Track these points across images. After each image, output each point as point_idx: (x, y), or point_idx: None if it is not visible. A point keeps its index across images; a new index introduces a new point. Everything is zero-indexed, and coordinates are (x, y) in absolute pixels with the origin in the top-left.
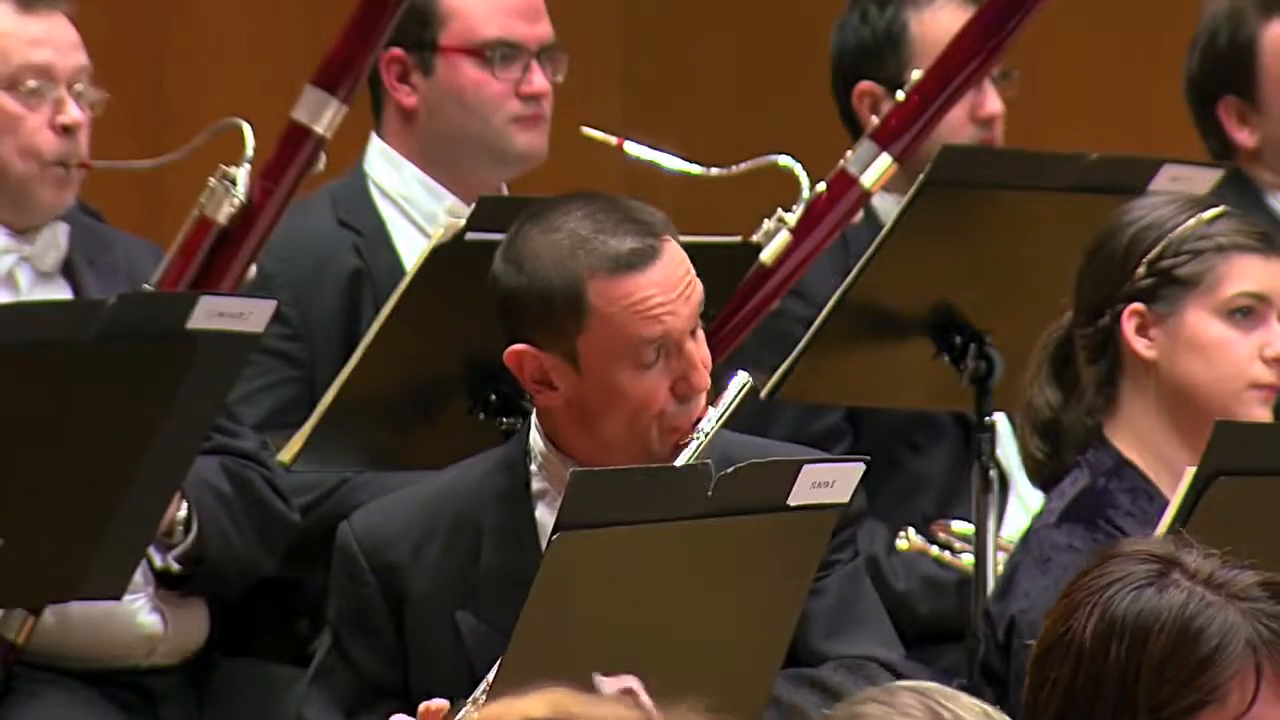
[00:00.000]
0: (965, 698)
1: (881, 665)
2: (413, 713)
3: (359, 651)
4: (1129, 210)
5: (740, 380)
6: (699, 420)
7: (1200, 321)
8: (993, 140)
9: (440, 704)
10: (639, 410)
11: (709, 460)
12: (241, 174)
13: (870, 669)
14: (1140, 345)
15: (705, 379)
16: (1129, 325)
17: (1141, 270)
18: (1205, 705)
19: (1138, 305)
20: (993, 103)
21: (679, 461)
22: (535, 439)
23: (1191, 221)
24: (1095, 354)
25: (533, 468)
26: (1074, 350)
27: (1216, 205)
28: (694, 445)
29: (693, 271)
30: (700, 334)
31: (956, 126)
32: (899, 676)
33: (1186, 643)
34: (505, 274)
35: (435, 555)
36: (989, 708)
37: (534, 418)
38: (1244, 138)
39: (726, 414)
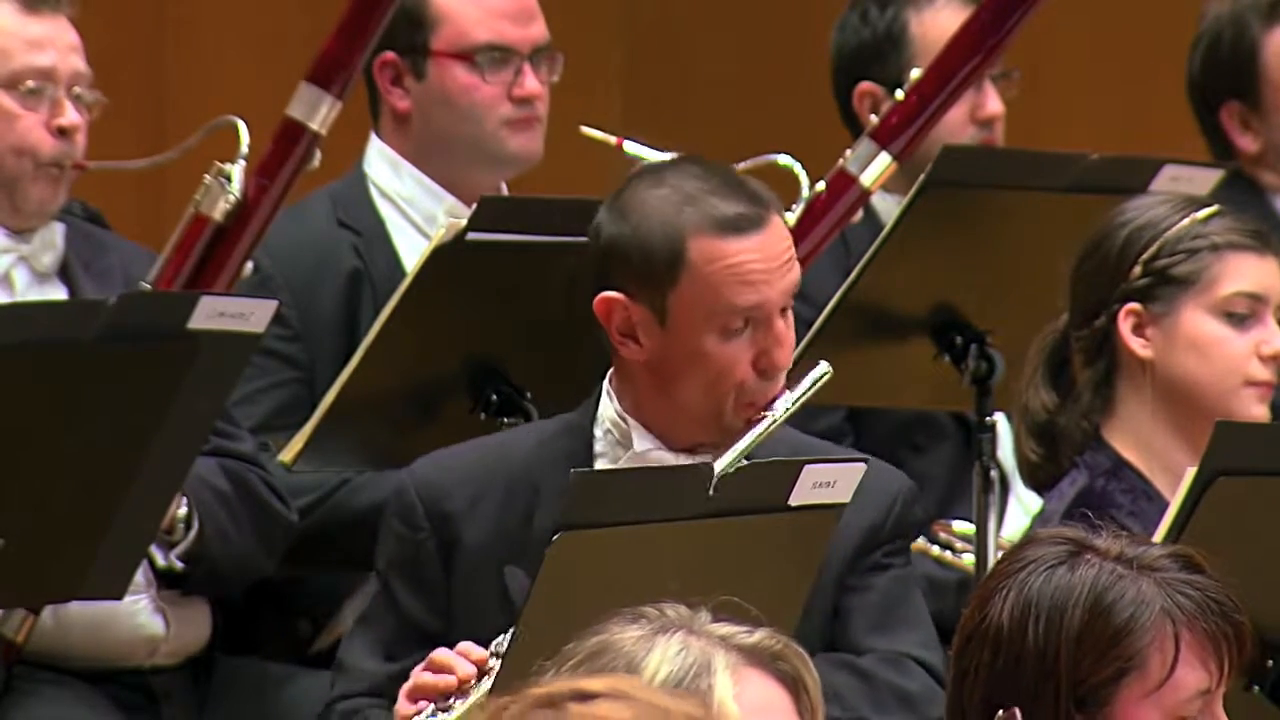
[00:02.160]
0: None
1: (919, 664)
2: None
3: (407, 597)
4: (1123, 211)
5: (820, 369)
6: (774, 400)
7: (1197, 320)
8: (993, 140)
9: (479, 653)
10: (718, 378)
11: (771, 451)
12: (237, 171)
13: (905, 663)
14: (1137, 345)
15: (788, 358)
16: (1125, 325)
17: (1137, 270)
18: (1125, 674)
19: (1134, 305)
20: (993, 103)
21: (748, 438)
22: (605, 405)
23: (1186, 221)
24: (1091, 355)
25: (598, 432)
26: (1069, 353)
27: (1210, 205)
28: (765, 424)
29: (794, 252)
30: (790, 316)
31: (957, 127)
32: (937, 678)
33: (1101, 615)
34: (609, 222)
35: (491, 510)
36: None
37: (607, 383)
38: (1246, 142)
39: (803, 399)
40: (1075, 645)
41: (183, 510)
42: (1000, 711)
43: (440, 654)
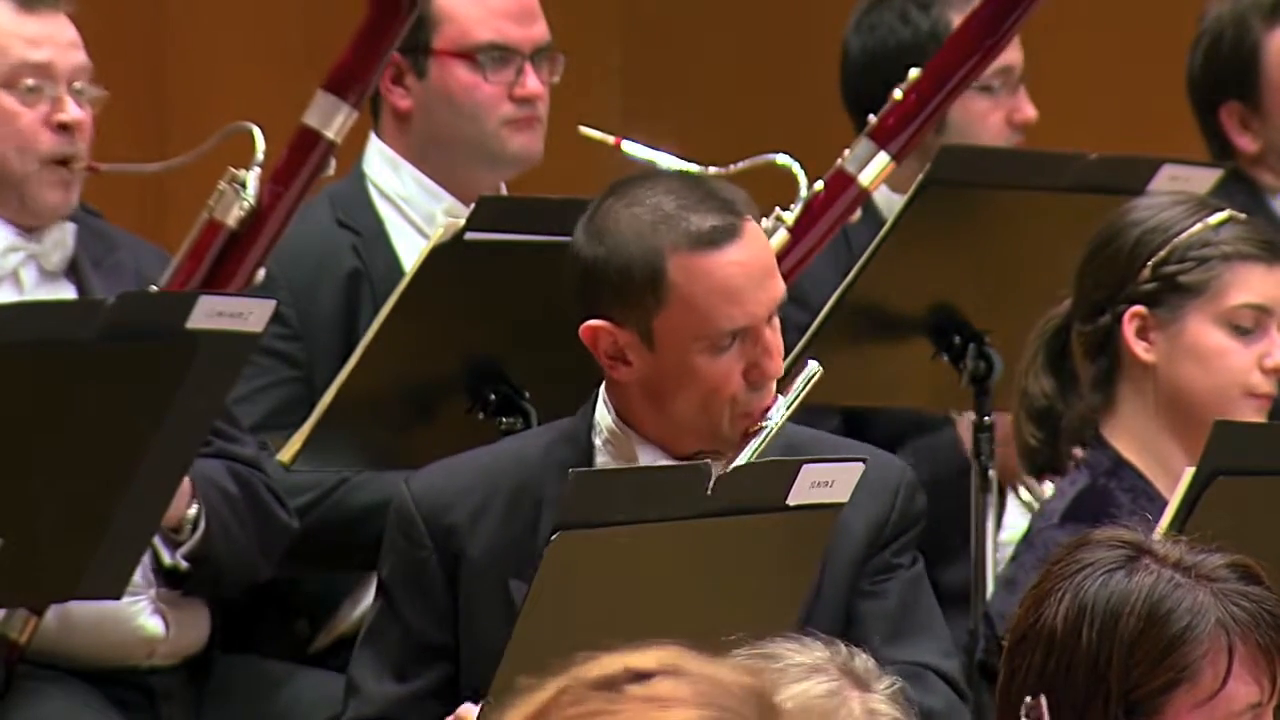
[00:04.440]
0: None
1: (937, 674)
2: (458, 678)
3: (411, 612)
4: (1136, 209)
5: (810, 369)
6: (768, 408)
7: (1202, 329)
8: (1022, 144)
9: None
10: (711, 393)
11: (771, 452)
12: (251, 178)
13: (927, 677)
14: (1140, 348)
15: (779, 366)
16: (1129, 328)
17: (1146, 273)
18: (1177, 685)
19: (1139, 308)
20: (1029, 107)
21: (748, 450)
22: (602, 413)
23: (1198, 226)
24: (1093, 352)
25: (597, 442)
26: (1070, 340)
27: (1224, 208)
28: (763, 434)
29: (774, 259)
30: (776, 322)
31: (996, 132)
32: (954, 687)
33: (1156, 623)
34: (585, 246)
35: (493, 522)
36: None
37: (602, 392)
38: (1245, 142)
39: (796, 402)
40: (1128, 652)
41: (193, 510)
42: (1028, 699)
43: (465, 712)
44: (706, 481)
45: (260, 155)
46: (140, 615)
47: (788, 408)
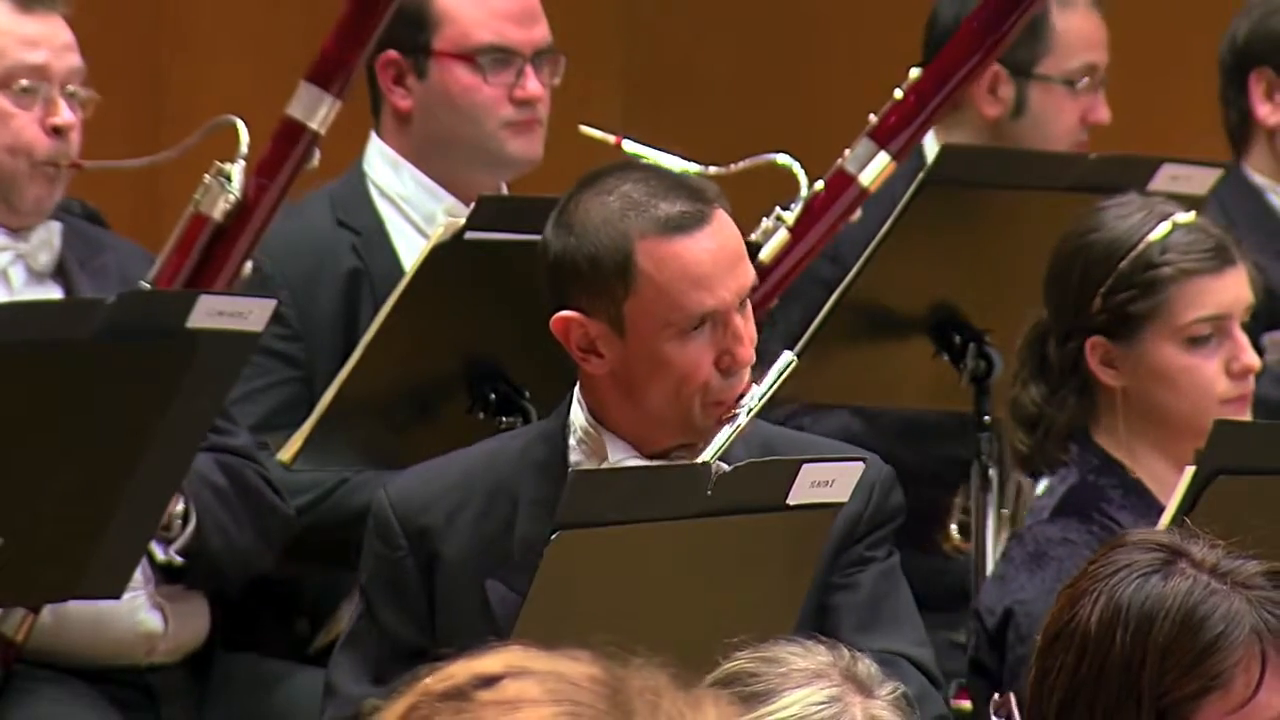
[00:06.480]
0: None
1: (911, 662)
2: None
3: (389, 616)
4: (1087, 231)
5: (784, 359)
6: (742, 396)
7: (1162, 352)
8: (1085, 146)
9: None
10: (682, 381)
11: (747, 448)
12: (236, 171)
13: (900, 665)
14: (1106, 376)
15: (750, 353)
16: (1093, 358)
17: (1098, 304)
18: (1209, 692)
19: (1099, 338)
20: (1104, 110)
21: (720, 437)
22: (576, 412)
23: (1141, 246)
24: (1068, 373)
25: (571, 441)
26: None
27: (1170, 214)
28: (737, 423)
29: (744, 248)
30: (749, 311)
31: (1069, 127)
32: (928, 675)
33: (1190, 630)
34: (555, 237)
35: (470, 522)
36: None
37: (576, 390)
38: (1266, 112)
39: (770, 391)
40: (1161, 658)
41: (179, 506)
42: (996, 696)
43: None
44: (706, 481)
45: (245, 148)
46: (139, 611)
47: (761, 398)
